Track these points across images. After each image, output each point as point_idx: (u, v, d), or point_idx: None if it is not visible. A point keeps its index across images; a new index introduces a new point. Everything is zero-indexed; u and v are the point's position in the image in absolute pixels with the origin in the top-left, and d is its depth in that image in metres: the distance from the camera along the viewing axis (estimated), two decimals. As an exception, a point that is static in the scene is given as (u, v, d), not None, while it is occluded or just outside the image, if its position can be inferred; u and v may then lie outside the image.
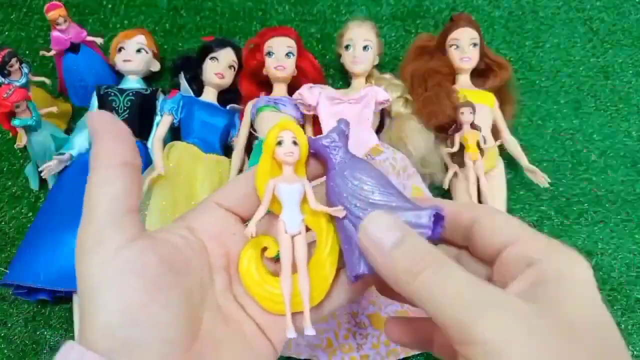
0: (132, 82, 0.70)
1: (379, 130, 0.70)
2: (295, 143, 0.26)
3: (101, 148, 0.22)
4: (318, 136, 0.26)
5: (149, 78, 0.75)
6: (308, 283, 0.26)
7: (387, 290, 0.26)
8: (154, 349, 0.21)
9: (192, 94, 0.69)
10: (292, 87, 0.69)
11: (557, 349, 0.17)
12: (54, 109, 0.66)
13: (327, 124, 0.64)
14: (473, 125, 0.64)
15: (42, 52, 0.73)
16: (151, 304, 0.21)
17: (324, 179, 0.28)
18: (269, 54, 0.68)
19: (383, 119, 0.71)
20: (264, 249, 0.27)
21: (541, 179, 0.64)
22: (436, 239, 0.24)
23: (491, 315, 0.18)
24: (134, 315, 0.21)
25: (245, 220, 0.28)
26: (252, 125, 0.69)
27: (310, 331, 0.25)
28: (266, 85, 0.72)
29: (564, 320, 0.18)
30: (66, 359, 0.20)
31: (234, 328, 0.25)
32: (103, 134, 0.23)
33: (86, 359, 0.19)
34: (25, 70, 0.66)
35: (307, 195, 0.26)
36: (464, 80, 0.70)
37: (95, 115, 0.23)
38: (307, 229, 0.27)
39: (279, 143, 0.26)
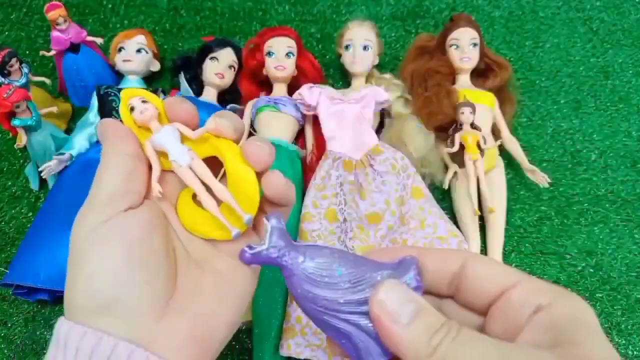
0: (132, 82, 0.70)
1: (379, 130, 0.70)
2: (144, 101, 0.27)
3: (109, 142, 0.26)
4: (256, 248, 0.24)
5: (149, 78, 0.75)
6: (225, 190, 0.27)
7: None
8: (132, 310, 0.23)
9: (192, 94, 0.69)
10: (292, 87, 0.69)
11: None
12: (54, 109, 0.66)
13: (327, 124, 0.64)
14: (473, 125, 0.64)
15: (42, 52, 0.73)
16: (127, 268, 0.23)
17: None
18: (269, 54, 0.68)
19: (383, 119, 0.71)
20: (194, 196, 0.28)
21: (541, 179, 0.65)
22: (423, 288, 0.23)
23: None
24: (111, 280, 0.23)
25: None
26: (252, 125, 0.69)
27: (248, 220, 0.26)
28: (266, 85, 0.72)
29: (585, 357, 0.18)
30: (57, 335, 0.23)
31: (208, 268, 0.27)
32: (111, 132, 0.26)
33: (73, 333, 0.22)
34: (25, 70, 0.66)
35: (182, 131, 0.27)
36: (464, 80, 0.70)
37: (104, 122, 0.27)
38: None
39: (132, 109, 0.27)
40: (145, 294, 0.23)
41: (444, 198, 0.67)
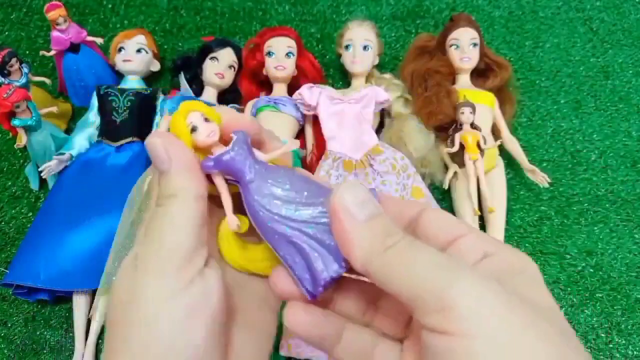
0: (132, 82, 0.70)
1: (379, 130, 0.70)
2: (207, 120, 0.23)
3: (178, 175, 0.22)
4: (218, 153, 0.23)
5: (149, 78, 0.75)
6: None
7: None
8: None
9: (192, 94, 0.69)
10: (292, 87, 0.69)
11: (530, 321, 0.17)
12: (54, 109, 0.66)
13: (327, 124, 0.64)
14: (473, 125, 0.64)
15: (42, 52, 0.73)
16: (205, 345, 0.21)
17: None
18: (269, 53, 0.68)
19: (383, 119, 0.71)
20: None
21: (541, 179, 0.65)
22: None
23: (466, 280, 0.18)
24: (197, 354, 0.20)
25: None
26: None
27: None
28: (266, 85, 0.72)
29: (529, 300, 0.18)
30: None
31: (247, 293, 0.25)
32: (178, 163, 0.22)
33: None
34: (25, 70, 0.66)
35: (255, 152, 0.24)
36: (464, 80, 0.70)
37: (163, 140, 0.22)
38: None
39: (193, 130, 0.23)
40: None
41: (444, 198, 0.67)
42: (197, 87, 0.70)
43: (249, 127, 0.24)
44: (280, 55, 0.68)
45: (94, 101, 0.68)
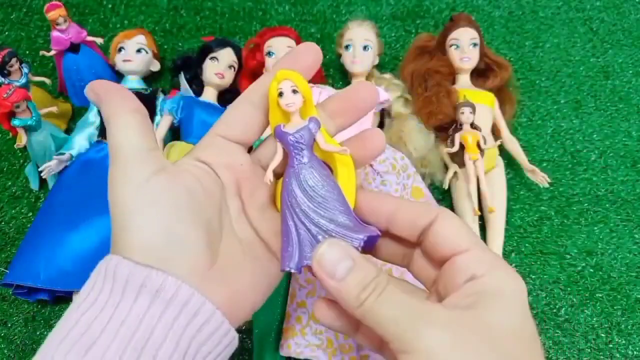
0: (132, 82, 0.70)
1: (379, 130, 0.69)
2: (295, 91, 0.27)
3: (112, 101, 0.26)
4: (287, 129, 0.28)
5: (149, 78, 0.75)
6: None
7: None
8: (184, 264, 0.24)
9: (192, 94, 0.69)
10: (292, 87, 0.69)
11: (473, 349, 0.21)
12: (54, 109, 0.66)
13: (327, 124, 0.64)
14: (473, 125, 0.64)
15: (42, 52, 0.73)
16: (180, 225, 0.24)
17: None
18: (269, 53, 0.68)
19: (383, 119, 0.71)
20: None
21: (541, 179, 0.65)
22: (369, 251, 0.29)
23: (423, 330, 0.21)
24: (165, 235, 0.24)
25: (246, 147, 0.30)
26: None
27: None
28: (266, 85, 0.72)
29: (484, 325, 0.22)
30: (106, 266, 0.24)
31: (248, 249, 0.28)
32: (109, 91, 0.27)
33: (123, 265, 0.23)
34: (25, 70, 0.66)
35: (316, 138, 0.28)
36: (464, 80, 0.70)
37: (96, 83, 0.27)
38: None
39: (280, 94, 0.27)
40: (191, 257, 0.24)
41: (444, 198, 0.67)
42: (197, 87, 0.70)
43: (313, 63, 0.29)
44: (280, 55, 0.68)
45: (94, 101, 0.68)
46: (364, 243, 0.26)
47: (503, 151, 0.68)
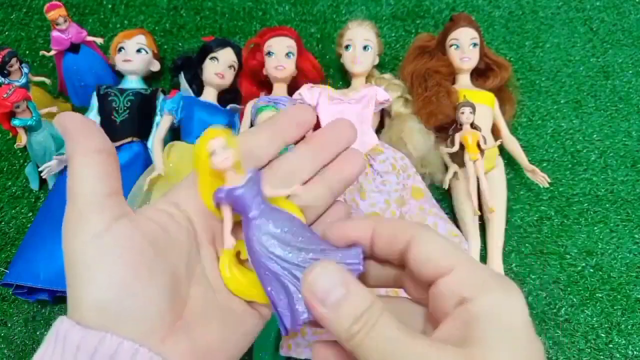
0: (132, 82, 0.70)
1: (379, 130, 0.70)
2: (225, 147, 0.25)
3: (75, 140, 0.24)
4: (231, 187, 0.25)
5: (149, 78, 0.75)
6: None
7: None
8: (142, 323, 0.22)
9: (192, 94, 0.69)
10: (292, 87, 0.69)
11: None
12: (54, 109, 0.66)
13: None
14: (473, 125, 0.64)
15: (42, 52, 0.73)
16: (136, 279, 0.22)
17: None
18: (269, 54, 0.68)
19: (383, 119, 0.71)
20: (238, 253, 0.27)
21: (541, 179, 0.65)
22: (363, 272, 0.25)
23: None
24: (121, 292, 0.22)
25: None
26: (252, 125, 0.69)
27: None
28: (266, 85, 0.72)
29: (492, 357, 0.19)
30: (57, 331, 0.21)
31: (221, 300, 0.26)
32: (74, 128, 0.24)
33: (74, 331, 0.21)
34: (25, 70, 0.66)
35: (265, 190, 0.26)
36: (464, 80, 0.70)
37: (63, 116, 0.25)
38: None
39: (212, 153, 0.25)
40: (151, 314, 0.22)
41: (444, 198, 0.67)
42: (197, 87, 0.70)
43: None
44: (280, 55, 0.68)
45: (94, 101, 0.68)
46: (363, 262, 0.24)
47: (503, 151, 0.68)
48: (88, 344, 0.21)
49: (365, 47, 0.69)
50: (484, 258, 0.62)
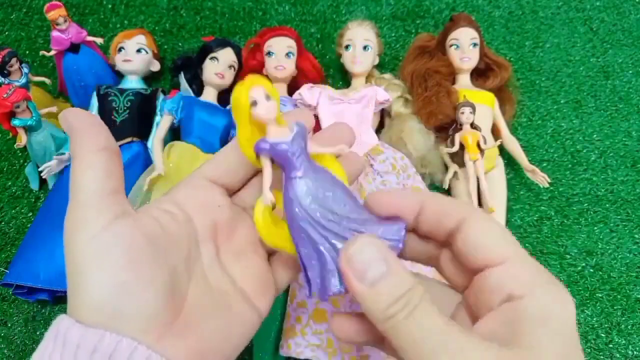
0: (132, 82, 0.70)
1: (379, 130, 0.70)
2: (268, 97, 0.24)
3: (80, 137, 0.24)
4: (274, 140, 0.24)
5: (149, 78, 0.75)
6: None
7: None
8: (140, 322, 0.22)
9: (192, 94, 0.69)
10: (292, 87, 0.69)
11: None
12: (54, 109, 0.66)
13: (327, 124, 0.64)
14: (473, 125, 0.64)
15: (42, 52, 0.73)
16: (136, 279, 0.22)
17: None
18: (269, 53, 0.68)
19: (383, 119, 0.71)
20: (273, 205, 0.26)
21: (541, 179, 0.65)
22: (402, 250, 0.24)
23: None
24: (119, 290, 0.22)
25: (230, 191, 0.28)
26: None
27: None
28: (266, 85, 0.72)
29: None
30: (57, 329, 0.22)
31: (220, 298, 0.26)
32: (79, 125, 0.24)
33: (74, 329, 0.21)
34: (25, 70, 0.66)
35: (310, 144, 0.25)
36: (464, 80, 0.70)
37: (68, 112, 0.25)
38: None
39: (253, 104, 0.23)
40: (149, 312, 0.22)
41: (444, 198, 0.67)
42: (197, 87, 0.70)
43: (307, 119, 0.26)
44: (280, 55, 0.68)
45: (94, 101, 0.68)
46: (404, 239, 0.23)
47: (503, 151, 0.68)
48: (87, 342, 0.21)
49: (365, 47, 0.69)
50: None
